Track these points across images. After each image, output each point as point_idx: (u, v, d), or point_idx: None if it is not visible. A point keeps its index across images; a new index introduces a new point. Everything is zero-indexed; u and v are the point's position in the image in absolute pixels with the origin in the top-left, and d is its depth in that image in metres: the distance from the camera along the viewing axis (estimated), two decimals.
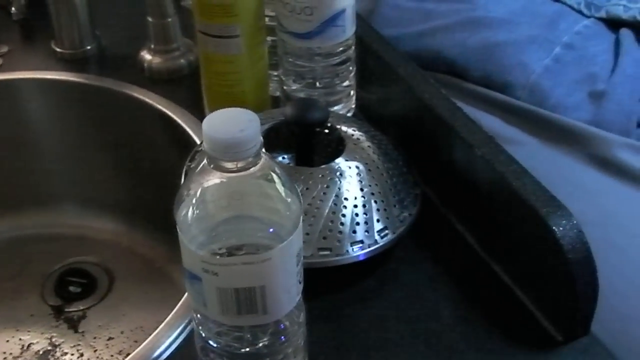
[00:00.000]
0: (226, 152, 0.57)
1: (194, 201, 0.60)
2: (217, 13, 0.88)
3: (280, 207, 0.61)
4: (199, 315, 0.66)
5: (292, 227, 0.60)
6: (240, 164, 0.57)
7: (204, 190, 0.60)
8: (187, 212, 0.60)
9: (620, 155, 0.97)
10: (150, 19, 1.09)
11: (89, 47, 1.17)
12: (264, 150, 0.59)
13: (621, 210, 0.94)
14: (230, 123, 0.57)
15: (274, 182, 0.61)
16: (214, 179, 0.59)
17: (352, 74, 0.97)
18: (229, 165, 0.57)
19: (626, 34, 1.10)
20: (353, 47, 0.95)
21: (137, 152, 1.11)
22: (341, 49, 0.93)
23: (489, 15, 1.11)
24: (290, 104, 0.87)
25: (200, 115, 1.01)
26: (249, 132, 0.56)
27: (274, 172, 0.61)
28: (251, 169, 0.58)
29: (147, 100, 1.07)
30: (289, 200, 0.61)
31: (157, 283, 1.12)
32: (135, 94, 1.08)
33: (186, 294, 0.79)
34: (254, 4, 0.89)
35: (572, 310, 0.75)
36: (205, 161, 0.59)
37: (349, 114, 0.99)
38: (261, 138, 0.58)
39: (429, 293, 0.81)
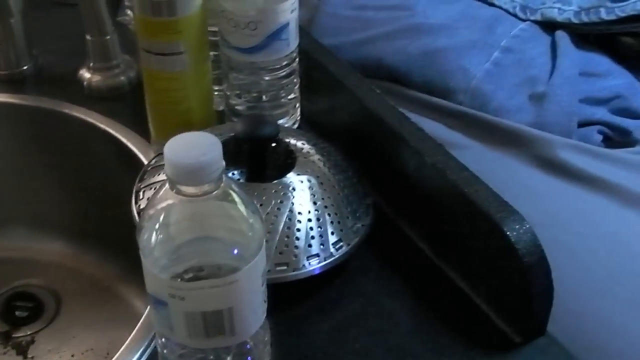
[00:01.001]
0: (190, 177, 0.57)
1: (156, 225, 0.60)
2: (161, 30, 0.88)
3: (243, 227, 0.61)
4: (163, 339, 0.66)
5: (256, 248, 0.61)
6: (203, 188, 0.58)
7: (166, 213, 0.60)
8: (150, 236, 0.60)
9: (563, 156, 0.99)
10: (88, 37, 1.09)
11: (25, 67, 1.16)
12: None
13: (567, 210, 0.96)
14: (192, 148, 0.57)
15: (236, 203, 0.61)
16: (176, 202, 0.59)
17: (297, 86, 0.98)
18: (192, 189, 0.58)
19: (562, 35, 1.13)
20: (297, 60, 0.96)
21: (83, 172, 1.10)
22: (286, 62, 0.94)
23: (428, 21, 1.13)
24: (240, 120, 0.88)
25: (144, 133, 1.01)
26: (212, 156, 0.57)
27: (235, 193, 0.61)
28: (214, 192, 0.58)
29: (89, 119, 1.06)
30: (251, 220, 0.61)
31: (106, 303, 1.12)
32: (77, 114, 1.08)
33: (144, 315, 0.79)
34: (198, 20, 0.89)
35: (528, 311, 0.77)
36: (167, 185, 0.59)
37: (295, 126, 1.00)
38: (223, 161, 0.58)
39: (387, 302, 0.82)
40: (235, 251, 0.61)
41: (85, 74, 1.11)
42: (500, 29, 1.14)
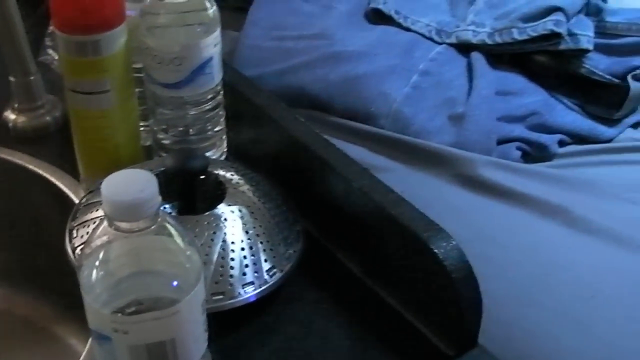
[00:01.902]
0: (128, 213, 0.59)
1: (96, 262, 0.62)
2: (86, 70, 0.90)
3: (181, 260, 0.64)
4: None
5: (194, 279, 0.63)
6: (141, 224, 0.60)
7: (105, 250, 0.62)
8: (90, 273, 0.63)
9: (484, 174, 1.04)
10: (12, 78, 1.10)
11: None
12: None
13: (491, 225, 1.00)
14: (129, 185, 0.59)
15: (173, 236, 0.63)
16: (114, 238, 0.61)
17: (223, 118, 1.00)
18: (130, 225, 0.60)
19: (477, 57, 1.18)
20: (221, 92, 0.98)
21: (14, 213, 1.11)
22: (211, 95, 0.96)
23: (347, 49, 1.17)
24: (169, 154, 0.90)
25: (73, 172, 1.02)
26: (149, 192, 0.59)
27: (172, 226, 0.63)
28: (151, 227, 0.61)
29: (16, 160, 1.07)
30: (188, 252, 0.64)
31: (41, 343, 1.12)
32: (3, 155, 1.08)
33: (84, 353, 0.80)
34: (123, 58, 0.91)
35: (459, 325, 0.81)
36: (105, 222, 0.61)
37: (223, 158, 1.02)
38: (159, 197, 0.61)
39: (322, 325, 0.85)
40: (175, 283, 0.63)
41: (10, 116, 1.12)
42: (418, 53, 1.18)
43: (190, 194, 0.88)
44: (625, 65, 1.19)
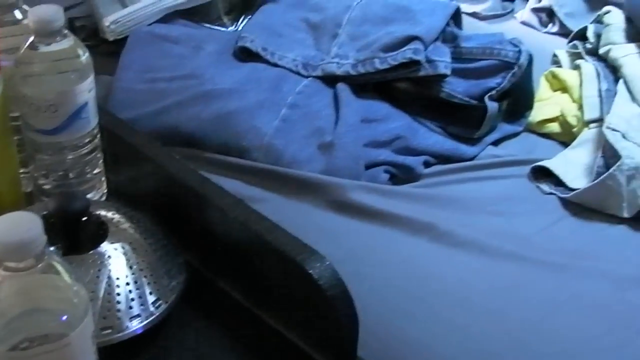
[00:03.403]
0: (15, 253, 0.63)
1: None
2: None
3: (69, 295, 0.68)
4: None
5: (83, 312, 0.68)
6: (28, 262, 0.64)
7: None
8: None
9: (354, 198, 1.11)
10: None
11: None
12: None
13: (364, 245, 1.07)
14: (15, 226, 0.64)
15: (60, 273, 0.68)
16: (3, 279, 0.65)
17: (101, 160, 1.04)
18: (18, 264, 0.64)
19: (342, 87, 1.25)
20: (98, 136, 1.02)
21: None
22: (88, 139, 1.00)
23: (218, 87, 1.23)
24: (51, 199, 0.94)
25: None
26: (34, 232, 0.64)
27: (59, 264, 0.68)
28: (39, 265, 0.65)
29: None
30: (75, 288, 0.68)
31: None
32: None
33: None
34: (0, 107, 0.94)
35: (338, 340, 0.86)
36: None
37: (103, 198, 1.06)
38: (45, 236, 0.65)
39: (209, 351, 0.90)
40: (64, 318, 0.67)
41: None
42: (286, 87, 1.25)
43: (74, 234, 0.92)
44: (482, 87, 1.29)
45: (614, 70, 1.42)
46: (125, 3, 1.42)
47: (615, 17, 1.51)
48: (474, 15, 1.83)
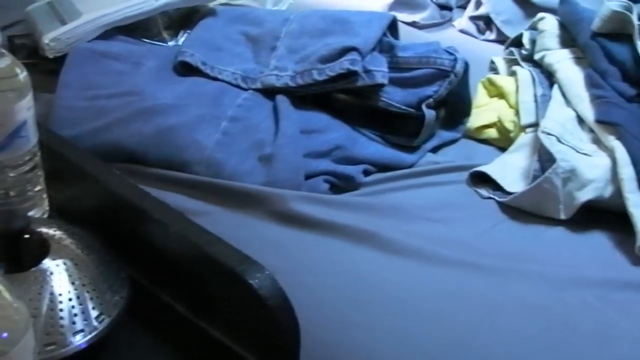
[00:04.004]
0: None
1: None
2: None
3: (9, 313, 0.69)
4: None
5: (24, 329, 0.69)
6: None
7: None
8: None
9: (296, 208, 1.13)
10: None
11: None
12: None
13: (306, 256, 1.09)
14: None
15: (0, 292, 0.69)
16: None
17: (42, 178, 1.05)
18: None
19: (282, 99, 1.27)
20: (39, 154, 1.03)
21: None
22: (28, 157, 1.01)
23: (158, 102, 1.24)
24: None
25: None
26: None
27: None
28: None
29: None
30: (15, 305, 0.69)
31: None
32: None
33: None
34: None
35: (281, 350, 0.88)
36: None
37: (45, 216, 1.07)
38: None
39: None
40: (4, 335, 0.68)
41: None
42: (226, 100, 1.27)
43: (15, 252, 0.93)
44: (419, 95, 1.31)
45: (549, 76, 1.45)
46: (64, 20, 1.43)
47: (549, 24, 1.54)
48: (412, 24, 1.87)
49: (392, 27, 1.45)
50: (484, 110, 1.43)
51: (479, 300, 1.05)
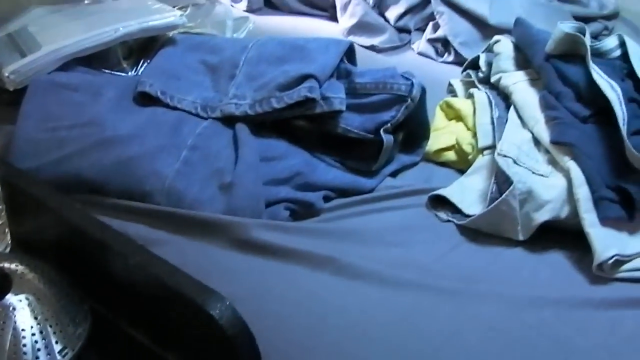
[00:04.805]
0: None
1: None
2: None
3: None
4: None
5: None
6: None
7: None
8: None
9: (256, 236, 1.14)
10: None
11: None
12: None
13: (266, 283, 1.10)
14: None
15: None
16: None
17: (3, 212, 1.06)
18: None
19: (241, 127, 1.29)
20: (1, 188, 1.04)
21: None
22: None
23: (118, 133, 1.25)
24: None
25: None
26: None
27: None
28: None
29: None
30: None
31: None
32: None
33: None
34: None
35: None
36: None
37: (7, 250, 1.08)
38: None
39: None
40: None
41: None
42: (186, 129, 1.28)
43: None
44: (377, 121, 1.33)
45: (505, 98, 1.48)
46: (24, 52, 1.44)
47: (504, 46, 1.57)
48: (371, 48, 1.89)
49: (350, 53, 1.47)
50: (442, 133, 1.46)
51: (439, 323, 1.07)
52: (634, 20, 2.04)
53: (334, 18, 2.05)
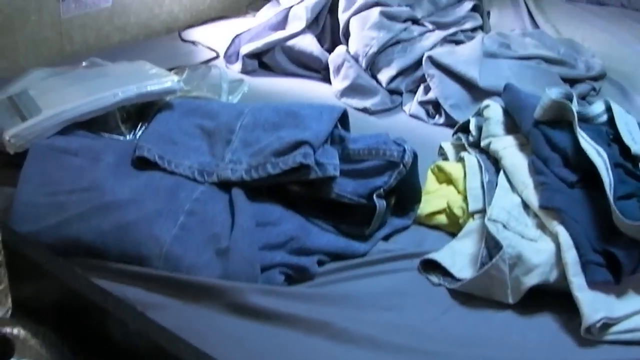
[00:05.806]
0: None
1: None
2: None
3: None
4: None
5: None
6: None
7: None
8: None
9: (252, 300, 1.17)
10: None
11: None
12: None
13: (261, 347, 1.13)
14: None
15: None
16: None
17: (5, 276, 1.08)
18: None
19: (237, 192, 1.32)
20: (2, 252, 1.07)
21: None
22: None
23: (117, 198, 1.28)
24: None
25: None
26: None
27: None
28: None
29: None
30: None
31: None
32: None
33: None
34: None
35: None
36: None
37: (8, 315, 1.10)
38: None
39: None
40: None
41: None
42: (183, 194, 1.31)
43: None
44: (369, 186, 1.36)
45: (495, 162, 1.51)
46: (24, 116, 1.46)
47: (494, 111, 1.60)
48: (364, 110, 1.93)
49: (343, 117, 1.51)
50: (434, 197, 1.49)
51: None
52: (620, 81, 2.08)
53: (327, 79, 2.09)
